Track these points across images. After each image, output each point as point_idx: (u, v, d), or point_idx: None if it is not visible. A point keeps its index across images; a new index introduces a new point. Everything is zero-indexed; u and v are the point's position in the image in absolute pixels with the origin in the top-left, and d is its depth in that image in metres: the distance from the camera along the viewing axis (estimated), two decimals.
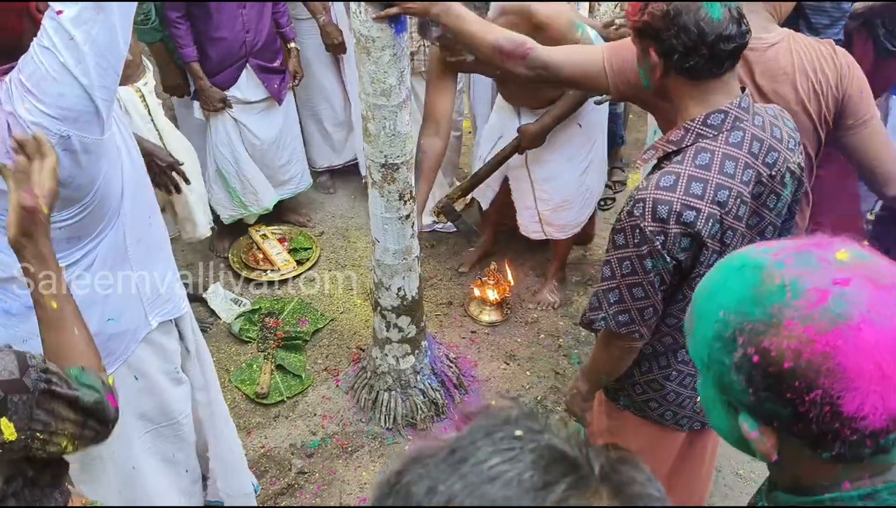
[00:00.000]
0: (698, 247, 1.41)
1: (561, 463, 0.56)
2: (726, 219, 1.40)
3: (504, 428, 0.59)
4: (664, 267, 1.42)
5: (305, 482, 2.53)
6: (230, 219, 3.42)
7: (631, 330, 1.51)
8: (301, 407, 2.81)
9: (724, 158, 1.39)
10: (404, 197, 2.31)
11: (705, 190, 1.38)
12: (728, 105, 1.41)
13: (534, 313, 3.24)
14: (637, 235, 1.41)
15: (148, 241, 1.66)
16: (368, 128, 2.18)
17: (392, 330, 2.60)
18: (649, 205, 1.39)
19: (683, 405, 1.68)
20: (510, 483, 0.54)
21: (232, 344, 3.09)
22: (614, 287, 1.50)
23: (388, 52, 2.01)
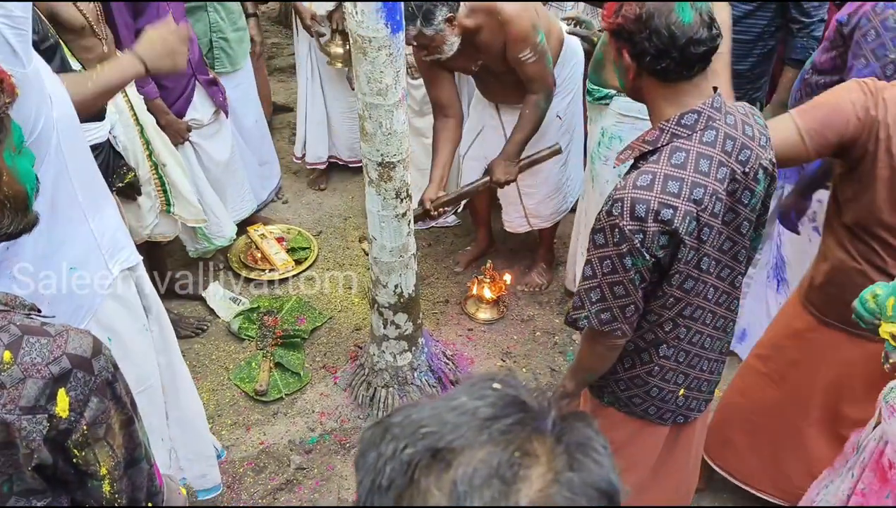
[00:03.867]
0: (676, 245, 1.44)
1: (517, 407, 0.64)
2: (703, 216, 1.42)
3: (485, 381, 0.67)
4: (643, 265, 1.45)
5: (304, 477, 2.56)
6: (196, 253, 3.32)
7: (613, 327, 1.53)
8: (299, 404, 2.83)
9: (699, 157, 1.42)
10: (401, 195, 2.34)
11: (681, 188, 1.40)
12: (701, 105, 1.43)
13: (530, 311, 3.27)
14: (616, 234, 1.43)
15: (93, 186, 1.64)
16: (365, 127, 2.21)
17: (389, 328, 2.62)
18: (627, 205, 1.41)
19: (666, 399, 1.71)
20: (465, 412, 0.63)
21: (231, 342, 3.12)
22: (595, 285, 1.51)
23: (384, 52, 2.04)
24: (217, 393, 2.88)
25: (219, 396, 2.87)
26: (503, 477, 0.59)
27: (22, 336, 1.04)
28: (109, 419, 1.12)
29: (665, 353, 1.64)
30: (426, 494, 0.60)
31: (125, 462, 1.17)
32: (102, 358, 1.11)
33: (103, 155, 2.20)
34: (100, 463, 1.12)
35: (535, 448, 0.61)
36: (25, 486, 1.06)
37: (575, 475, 0.61)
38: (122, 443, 1.16)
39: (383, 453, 0.63)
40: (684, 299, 1.54)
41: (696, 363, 1.68)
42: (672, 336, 1.60)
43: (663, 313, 1.56)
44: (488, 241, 3.55)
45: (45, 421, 1.03)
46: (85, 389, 1.07)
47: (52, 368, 1.04)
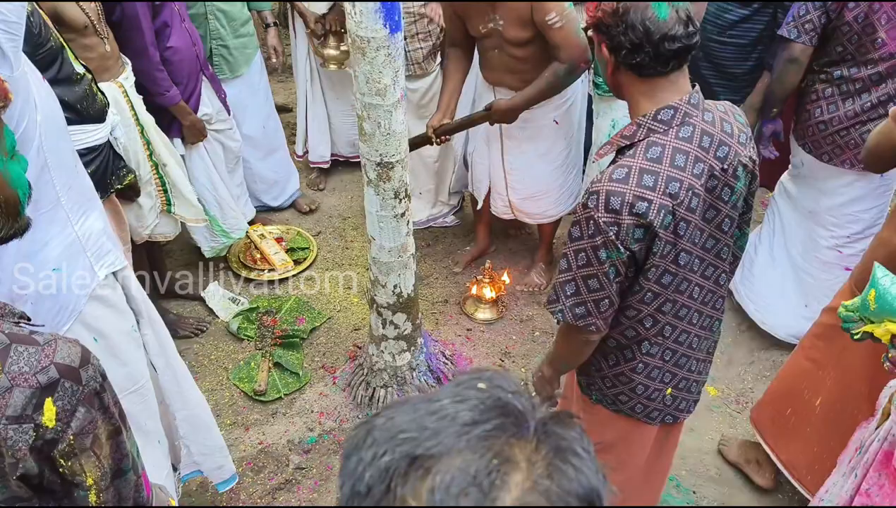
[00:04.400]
0: (651, 238, 1.45)
1: (499, 411, 0.63)
2: (678, 210, 1.43)
3: (470, 381, 0.66)
4: (618, 258, 1.45)
5: (303, 477, 2.56)
6: (212, 252, 3.33)
7: (588, 322, 1.53)
8: (298, 403, 2.84)
9: (675, 152, 1.43)
10: (399, 195, 2.34)
11: (657, 182, 1.41)
12: (678, 101, 1.45)
13: (529, 311, 3.27)
14: (591, 226, 1.44)
15: (78, 188, 1.64)
16: (364, 127, 2.21)
17: (388, 328, 2.63)
18: (602, 197, 1.42)
19: (652, 398, 1.71)
20: (445, 417, 0.62)
21: (230, 342, 3.12)
22: (570, 279, 1.52)
23: (383, 52, 2.05)
24: (216, 392, 2.88)
25: (218, 396, 2.87)
26: (480, 486, 0.58)
27: (10, 344, 1.04)
28: (96, 429, 1.11)
29: (648, 351, 1.64)
30: (403, 502, 0.59)
31: (112, 472, 1.16)
32: (91, 367, 1.10)
33: (103, 156, 2.20)
34: (86, 474, 1.11)
35: (514, 455, 0.61)
36: (10, 494, 1.05)
37: (553, 483, 0.60)
38: (109, 454, 1.15)
39: (363, 458, 0.63)
40: (662, 294, 1.54)
41: (684, 363, 1.69)
42: (654, 333, 1.60)
43: (642, 308, 1.56)
44: (488, 242, 3.56)
45: (32, 430, 1.02)
46: (72, 399, 1.07)
47: (40, 377, 1.04)
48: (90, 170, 2.14)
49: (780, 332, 2.97)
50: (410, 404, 0.66)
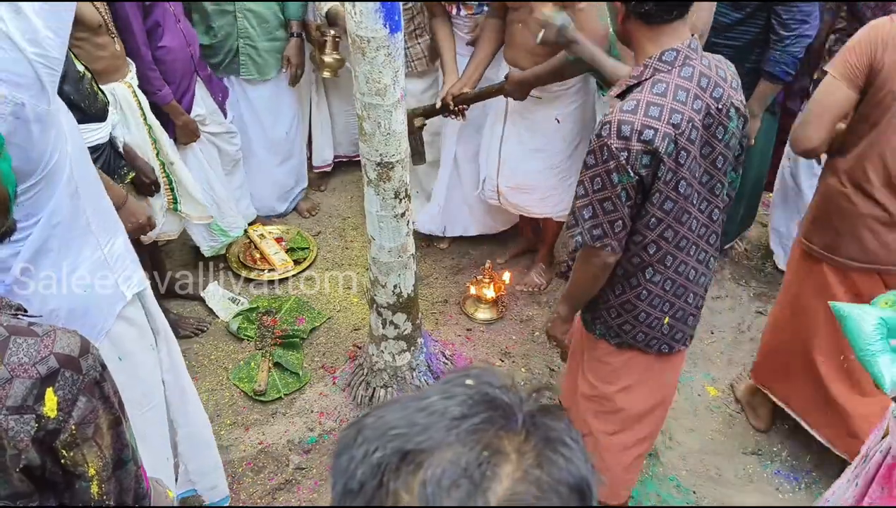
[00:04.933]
0: (656, 165, 1.61)
1: (487, 405, 0.64)
2: (680, 139, 1.60)
3: (459, 378, 0.67)
4: (628, 182, 1.62)
5: (303, 477, 2.56)
6: (211, 251, 3.32)
7: (604, 243, 1.71)
8: (298, 404, 2.84)
9: (677, 88, 1.61)
10: (399, 195, 2.34)
11: (662, 112, 1.59)
12: (680, 45, 1.63)
13: (529, 311, 3.27)
14: (605, 152, 1.61)
15: (104, 213, 1.68)
16: (364, 127, 2.21)
17: (388, 328, 2.63)
18: (614, 126, 1.59)
19: (653, 326, 1.88)
20: (434, 413, 0.64)
21: (230, 342, 3.12)
22: (587, 203, 1.69)
23: (383, 52, 2.05)
24: (216, 393, 2.88)
25: (217, 396, 2.87)
26: (472, 477, 0.59)
27: (9, 336, 1.04)
28: (98, 419, 1.11)
29: (652, 278, 1.80)
30: (395, 497, 0.60)
31: (113, 462, 1.16)
32: (90, 357, 1.10)
33: (105, 155, 2.20)
34: (88, 464, 1.11)
35: (504, 446, 0.61)
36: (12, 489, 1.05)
37: (543, 472, 0.61)
38: (111, 444, 1.15)
39: (354, 456, 0.63)
40: (665, 221, 1.71)
41: (682, 293, 1.85)
42: (657, 259, 1.76)
43: (647, 234, 1.73)
44: (533, 238, 3.54)
45: (33, 421, 1.03)
46: (73, 388, 1.07)
47: (40, 368, 1.04)
48: None
49: None
50: (400, 402, 0.67)
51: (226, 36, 3.19)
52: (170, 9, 2.79)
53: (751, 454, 2.64)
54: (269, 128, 3.51)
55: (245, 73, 3.30)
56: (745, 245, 3.60)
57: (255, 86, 3.37)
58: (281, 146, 3.61)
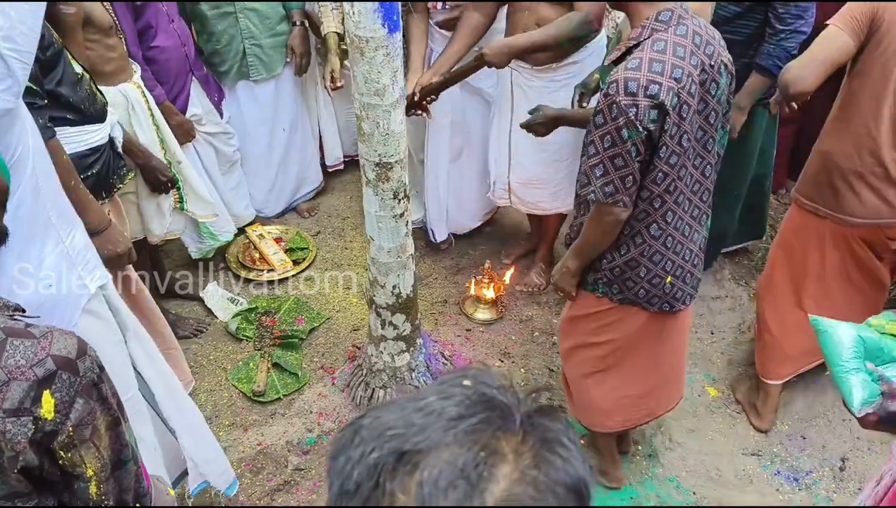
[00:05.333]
0: (663, 118, 1.70)
1: (484, 405, 0.64)
2: (682, 93, 1.70)
3: (456, 379, 0.67)
4: (637, 137, 1.71)
5: (302, 479, 2.55)
6: (199, 254, 3.29)
7: (616, 198, 1.79)
8: (297, 404, 2.83)
9: (675, 45, 1.71)
10: (398, 195, 2.33)
11: (664, 68, 1.68)
12: (672, 4, 1.73)
13: (528, 311, 3.26)
14: (614, 110, 1.69)
15: (63, 207, 1.67)
16: (362, 128, 2.20)
17: (387, 328, 2.62)
18: (621, 84, 1.68)
19: (654, 283, 1.98)
20: (431, 413, 0.63)
21: (229, 342, 3.12)
22: (599, 162, 1.77)
23: (382, 52, 2.04)
24: (215, 393, 2.88)
25: (216, 397, 2.86)
26: (468, 478, 0.59)
27: (6, 338, 1.04)
28: (95, 420, 1.11)
29: (654, 233, 1.89)
30: (392, 497, 0.60)
31: (112, 463, 1.16)
32: (88, 359, 1.10)
33: (105, 156, 2.20)
34: (86, 465, 1.11)
35: (501, 447, 0.61)
36: (10, 490, 1.05)
37: (540, 472, 0.61)
38: (109, 444, 1.15)
39: (351, 457, 0.63)
40: (670, 175, 1.79)
41: (680, 250, 1.95)
42: (660, 215, 1.86)
43: (654, 189, 1.81)
44: (536, 237, 3.52)
45: (31, 423, 1.02)
46: (70, 390, 1.07)
47: (37, 370, 1.04)
48: (93, 170, 2.14)
49: None
50: (397, 403, 0.67)
51: (230, 39, 3.18)
52: (163, 8, 2.79)
53: (751, 454, 2.63)
54: (274, 124, 3.50)
55: (255, 74, 3.30)
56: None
57: (261, 84, 3.36)
58: (283, 143, 3.59)
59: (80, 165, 2.06)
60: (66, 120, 2.01)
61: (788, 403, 2.81)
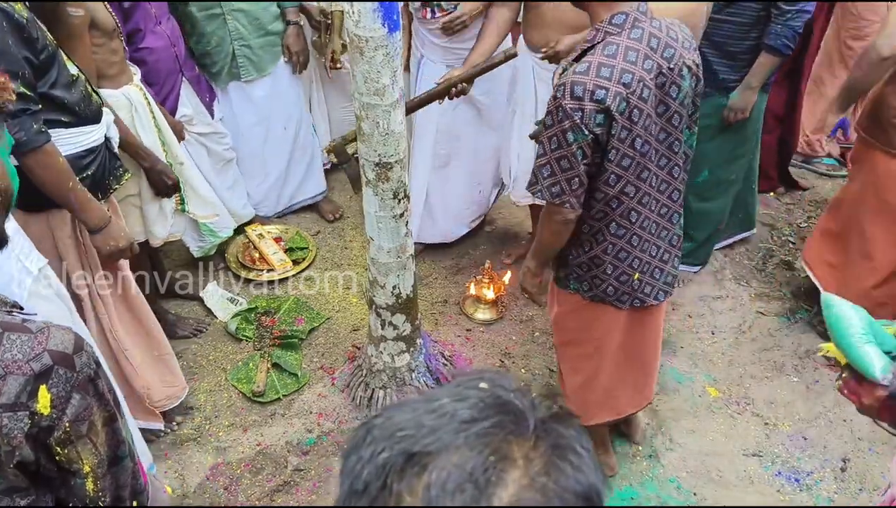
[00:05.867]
0: (609, 122, 1.72)
1: (498, 409, 0.63)
2: (631, 98, 1.71)
3: (471, 381, 0.66)
4: (583, 140, 1.73)
5: (301, 479, 2.55)
6: (200, 252, 3.27)
7: (563, 200, 1.82)
8: (297, 404, 2.82)
9: (627, 49, 1.71)
10: (398, 195, 2.32)
11: (612, 73, 1.69)
12: (628, 8, 1.74)
13: (528, 311, 3.26)
14: (560, 113, 1.72)
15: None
16: (362, 128, 2.20)
17: (387, 328, 2.61)
18: (568, 88, 1.70)
19: (622, 280, 2.01)
20: (444, 415, 0.63)
21: (228, 342, 3.11)
22: (546, 162, 1.80)
23: (381, 51, 2.03)
24: (214, 393, 2.87)
25: (216, 397, 2.86)
26: (476, 482, 0.58)
27: (2, 333, 1.04)
28: (92, 416, 1.11)
29: (616, 232, 1.92)
30: (398, 498, 0.60)
31: (108, 459, 1.16)
32: (84, 354, 1.10)
33: (101, 157, 2.19)
34: (83, 461, 1.12)
35: (512, 452, 0.61)
36: (8, 484, 1.05)
37: (550, 479, 0.60)
38: (106, 441, 1.15)
39: (362, 456, 0.63)
40: (624, 177, 1.82)
41: (647, 248, 1.98)
42: (619, 214, 1.89)
43: (607, 190, 1.84)
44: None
45: (27, 418, 1.03)
46: (67, 386, 1.07)
47: (34, 365, 1.04)
48: (89, 172, 2.13)
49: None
50: (410, 404, 0.66)
51: (219, 41, 3.16)
52: (151, 10, 2.78)
53: (752, 455, 2.63)
54: (271, 123, 3.48)
55: (245, 75, 3.28)
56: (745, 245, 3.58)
57: (254, 84, 3.35)
58: (282, 142, 3.57)
59: (76, 166, 2.05)
60: (60, 122, 2.00)
61: (789, 403, 2.81)
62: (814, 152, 4.07)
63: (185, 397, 2.72)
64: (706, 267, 3.42)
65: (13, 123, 1.78)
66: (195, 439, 2.68)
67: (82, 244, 2.17)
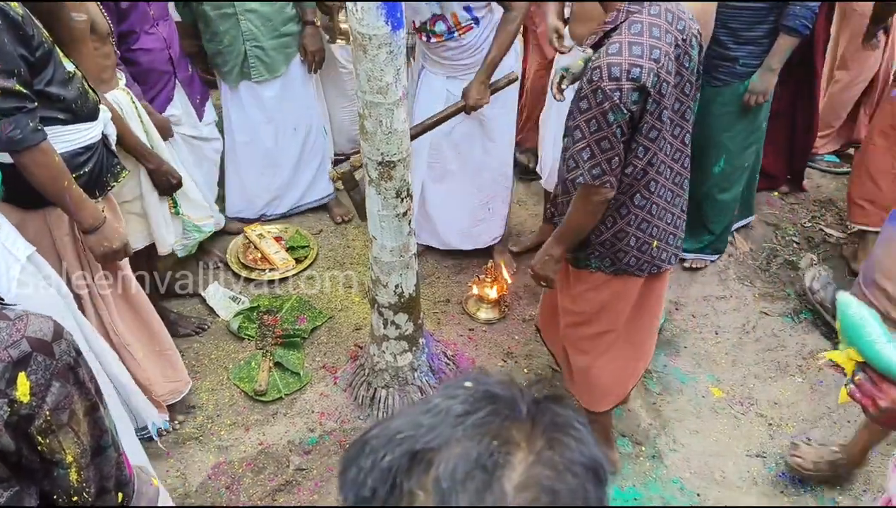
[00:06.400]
0: (644, 99, 1.78)
1: (489, 400, 0.64)
2: (661, 72, 1.77)
3: (457, 382, 0.68)
4: (622, 119, 1.78)
5: (303, 478, 2.54)
6: (185, 251, 3.16)
7: (603, 180, 1.86)
8: (299, 404, 2.82)
9: (651, 26, 1.77)
10: (401, 194, 2.32)
11: (643, 50, 1.75)
12: None
13: (531, 311, 3.25)
14: (599, 95, 1.76)
15: None
16: (365, 126, 2.19)
17: (389, 328, 2.61)
18: (605, 70, 1.74)
19: (643, 250, 2.06)
20: (439, 413, 0.64)
21: (230, 341, 3.10)
22: (585, 146, 1.84)
23: (385, 49, 2.02)
24: (216, 392, 2.87)
25: (218, 396, 2.85)
26: (484, 467, 0.59)
27: None
28: (73, 404, 1.10)
29: (639, 203, 1.98)
30: (411, 496, 0.60)
31: (91, 449, 1.15)
32: (64, 342, 1.09)
33: (98, 154, 2.18)
34: (65, 451, 1.10)
35: (512, 436, 0.62)
36: None
37: (555, 453, 0.62)
38: (88, 430, 1.14)
39: (363, 466, 0.64)
40: (651, 148, 1.88)
41: (663, 215, 2.04)
42: (643, 185, 1.94)
43: (636, 163, 1.89)
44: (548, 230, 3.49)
45: (6, 405, 1.02)
46: (46, 373, 1.06)
47: (12, 351, 1.03)
48: (86, 169, 2.12)
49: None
50: (403, 412, 0.68)
51: (232, 41, 3.17)
52: (148, 11, 2.78)
53: (755, 456, 2.62)
54: (280, 124, 3.47)
55: (256, 76, 3.28)
56: (750, 244, 3.57)
57: (264, 84, 3.34)
58: (292, 143, 3.56)
59: (73, 164, 2.04)
60: (57, 120, 1.99)
61: (793, 404, 2.80)
62: (815, 150, 4.06)
63: (187, 395, 2.71)
64: (708, 268, 3.42)
65: (8, 121, 1.78)
66: (197, 438, 2.68)
67: (80, 242, 2.16)
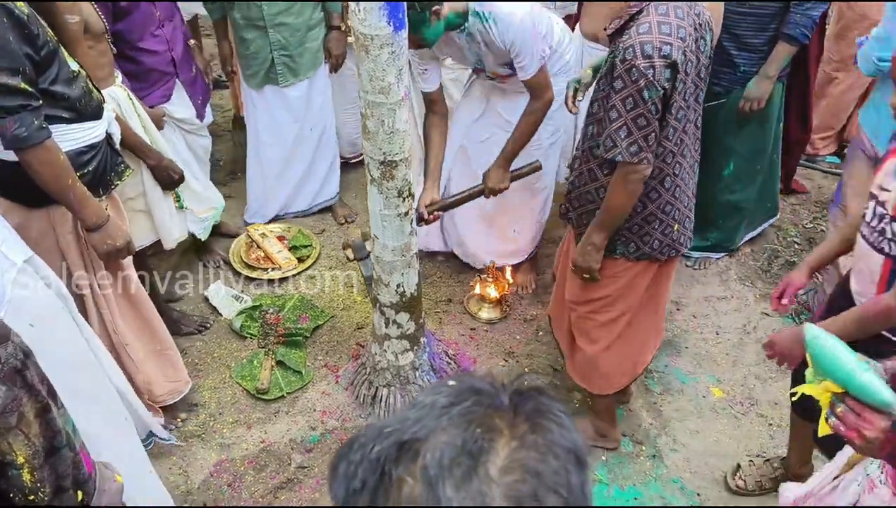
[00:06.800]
0: (674, 76, 1.82)
1: (472, 392, 0.68)
2: (687, 51, 1.83)
3: (441, 382, 0.71)
4: (657, 96, 1.82)
5: (305, 476, 2.55)
6: (205, 232, 3.18)
7: (640, 157, 1.90)
8: (301, 402, 2.83)
9: (674, 7, 1.84)
10: (403, 193, 2.32)
11: (671, 29, 1.80)
12: None
13: (533, 311, 3.25)
14: (634, 73, 1.80)
15: None
16: (367, 126, 2.20)
17: (391, 327, 2.61)
18: (637, 48, 1.79)
19: (666, 233, 2.11)
20: (424, 407, 0.67)
21: (233, 340, 3.11)
22: (622, 124, 1.87)
23: (387, 49, 2.03)
24: (218, 391, 2.88)
25: (220, 394, 2.86)
26: (470, 453, 0.62)
27: None
28: (21, 407, 1.10)
29: (668, 186, 2.03)
30: (400, 483, 0.62)
31: (45, 450, 1.15)
32: (10, 345, 1.09)
33: (102, 153, 2.19)
34: (16, 453, 1.10)
35: (496, 423, 0.65)
36: None
37: (538, 436, 0.64)
38: (40, 432, 1.14)
39: (353, 460, 0.66)
40: (678, 129, 1.93)
41: (683, 198, 2.10)
42: (672, 168, 1.99)
43: (666, 144, 1.93)
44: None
45: None
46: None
47: None
48: (90, 168, 2.14)
49: None
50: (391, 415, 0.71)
51: (259, 49, 3.21)
52: (154, 13, 2.79)
53: (756, 456, 2.62)
54: (303, 125, 3.50)
55: (283, 81, 3.31)
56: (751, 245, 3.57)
57: (290, 87, 3.37)
58: (308, 142, 3.57)
59: (77, 163, 2.05)
60: (61, 118, 2.00)
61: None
62: (815, 151, 4.06)
63: (190, 394, 2.73)
64: (708, 268, 3.42)
65: (13, 119, 1.79)
66: (199, 436, 2.69)
67: (83, 240, 2.18)
